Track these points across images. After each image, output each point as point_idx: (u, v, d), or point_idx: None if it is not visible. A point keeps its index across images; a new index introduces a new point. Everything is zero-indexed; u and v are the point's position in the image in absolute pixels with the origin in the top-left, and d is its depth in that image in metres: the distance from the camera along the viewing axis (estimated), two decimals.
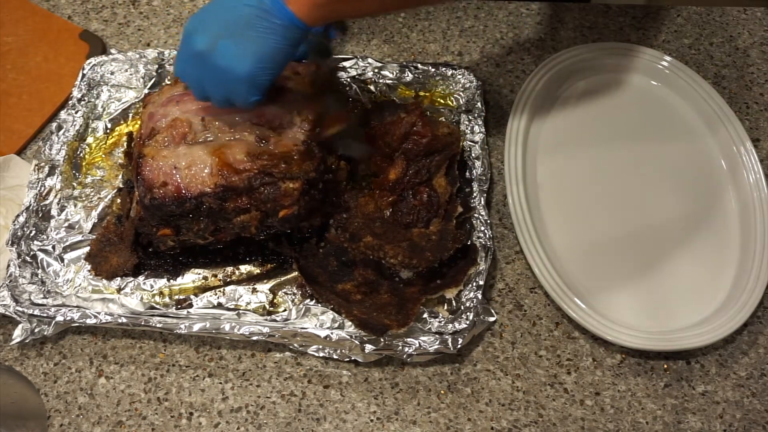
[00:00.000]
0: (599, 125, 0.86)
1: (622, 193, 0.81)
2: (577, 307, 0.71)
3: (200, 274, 0.75)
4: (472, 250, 0.73)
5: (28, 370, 0.72)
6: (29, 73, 0.91)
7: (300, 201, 0.69)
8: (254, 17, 0.61)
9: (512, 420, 0.69)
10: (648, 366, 0.72)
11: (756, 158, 0.81)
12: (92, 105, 0.85)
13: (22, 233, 0.75)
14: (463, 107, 0.85)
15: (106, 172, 0.82)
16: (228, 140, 0.69)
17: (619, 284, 0.75)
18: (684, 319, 0.73)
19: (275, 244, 0.74)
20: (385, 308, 0.70)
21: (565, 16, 0.97)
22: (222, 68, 0.62)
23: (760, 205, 0.78)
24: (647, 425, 0.68)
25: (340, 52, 0.93)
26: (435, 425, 0.68)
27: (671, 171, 0.83)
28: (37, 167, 0.80)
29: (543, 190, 0.81)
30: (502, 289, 0.76)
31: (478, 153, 0.80)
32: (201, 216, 0.69)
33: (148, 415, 0.69)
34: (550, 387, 0.71)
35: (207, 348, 0.73)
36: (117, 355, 0.72)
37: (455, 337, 0.69)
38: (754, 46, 0.95)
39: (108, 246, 0.76)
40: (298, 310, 0.72)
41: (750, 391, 0.70)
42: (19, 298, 0.72)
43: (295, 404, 0.70)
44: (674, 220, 0.79)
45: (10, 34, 0.94)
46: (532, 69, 0.89)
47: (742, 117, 0.88)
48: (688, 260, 0.77)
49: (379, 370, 0.71)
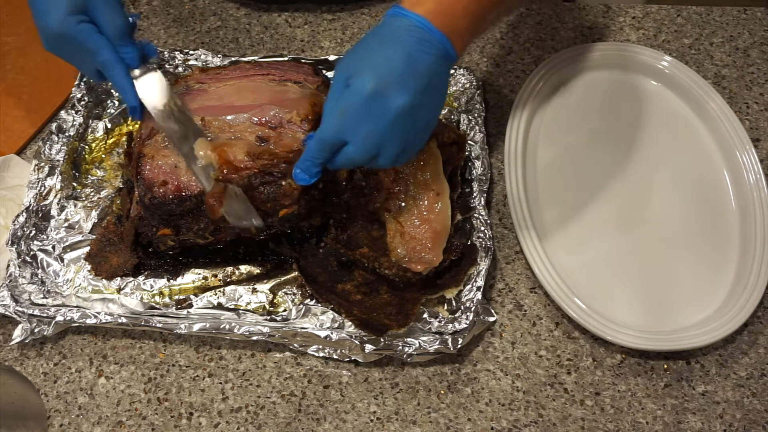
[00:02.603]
0: (599, 125, 0.86)
1: (622, 193, 0.81)
2: (577, 307, 0.71)
3: (200, 274, 0.75)
4: (472, 250, 0.73)
5: (28, 370, 0.72)
6: (29, 73, 0.91)
7: (300, 200, 0.69)
8: (438, 64, 0.59)
9: (512, 420, 0.69)
10: (648, 366, 0.72)
11: (756, 158, 0.81)
12: (92, 105, 0.86)
13: (22, 233, 0.75)
14: (463, 107, 0.85)
15: (106, 172, 0.82)
16: (228, 139, 0.69)
17: (619, 284, 0.75)
18: (684, 319, 0.73)
19: (275, 244, 0.74)
20: (385, 308, 0.70)
21: (565, 16, 0.97)
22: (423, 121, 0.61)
23: (760, 205, 0.78)
24: (647, 425, 0.68)
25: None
26: (435, 425, 0.68)
27: (671, 171, 0.83)
28: (37, 167, 0.80)
29: (543, 190, 0.81)
30: (502, 289, 0.76)
31: (478, 153, 0.80)
32: (201, 215, 0.69)
33: (148, 415, 0.69)
34: (550, 387, 0.71)
35: (207, 348, 0.73)
36: (117, 355, 0.72)
37: (455, 337, 0.69)
38: (754, 46, 0.95)
39: (108, 246, 0.76)
40: (298, 310, 0.72)
41: (750, 391, 0.70)
42: (19, 298, 0.72)
43: (295, 404, 0.70)
44: (674, 220, 0.79)
45: (10, 34, 0.94)
46: (532, 69, 0.89)
47: (742, 117, 0.88)
48: (688, 260, 0.77)
49: (379, 370, 0.71)
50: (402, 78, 0.58)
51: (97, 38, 0.64)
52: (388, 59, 0.58)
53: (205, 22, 0.97)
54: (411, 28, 0.59)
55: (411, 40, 0.59)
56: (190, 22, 0.97)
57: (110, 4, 0.64)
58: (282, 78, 0.75)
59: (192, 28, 0.97)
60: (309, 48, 0.94)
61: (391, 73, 0.58)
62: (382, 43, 0.59)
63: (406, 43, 0.59)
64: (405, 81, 0.58)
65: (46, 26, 0.63)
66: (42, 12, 0.63)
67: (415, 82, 0.58)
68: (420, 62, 0.58)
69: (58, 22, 0.62)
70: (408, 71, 0.58)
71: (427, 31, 0.59)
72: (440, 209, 0.71)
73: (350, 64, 0.60)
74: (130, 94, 0.67)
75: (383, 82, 0.58)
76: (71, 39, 0.63)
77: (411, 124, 0.60)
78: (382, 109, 0.58)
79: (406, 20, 0.59)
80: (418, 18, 0.59)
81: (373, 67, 0.58)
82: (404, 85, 0.58)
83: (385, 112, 0.58)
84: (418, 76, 0.58)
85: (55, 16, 0.62)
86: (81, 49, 0.64)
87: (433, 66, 0.59)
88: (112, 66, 0.65)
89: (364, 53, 0.60)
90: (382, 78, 0.58)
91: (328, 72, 0.87)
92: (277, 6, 0.98)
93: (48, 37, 0.64)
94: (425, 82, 0.59)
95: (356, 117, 0.59)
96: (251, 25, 0.97)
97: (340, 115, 0.59)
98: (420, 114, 0.60)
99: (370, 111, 0.58)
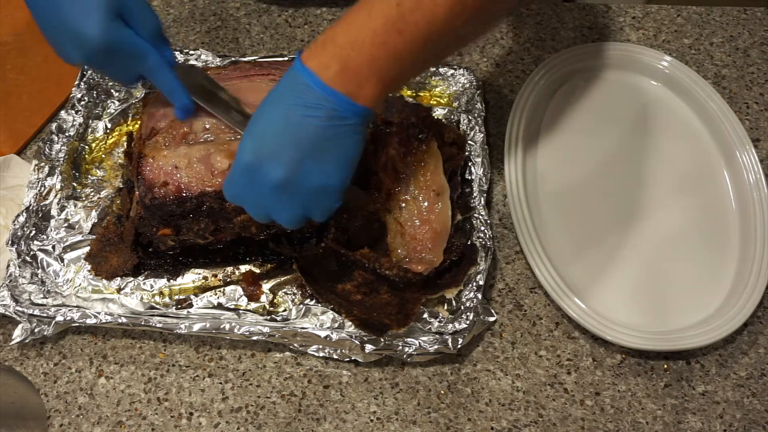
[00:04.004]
0: (599, 125, 0.86)
1: (622, 193, 0.81)
2: (577, 307, 0.71)
3: (200, 274, 0.75)
4: (472, 250, 0.73)
5: (28, 370, 0.72)
6: (29, 73, 0.91)
7: None
8: (327, 128, 0.54)
9: (512, 420, 0.69)
10: (648, 366, 0.72)
11: (756, 158, 0.81)
12: (92, 105, 0.86)
13: (22, 233, 0.75)
14: (463, 107, 0.85)
15: (106, 172, 0.82)
16: (229, 140, 0.69)
17: (619, 284, 0.75)
18: (684, 319, 0.73)
19: (275, 244, 0.74)
20: (385, 308, 0.70)
21: (565, 16, 0.97)
22: (311, 190, 0.56)
23: (760, 205, 0.78)
24: (647, 425, 0.69)
25: None
26: (435, 425, 0.68)
27: (671, 171, 0.83)
28: (37, 167, 0.80)
29: (543, 190, 0.81)
30: (502, 289, 0.76)
31: (478, 153, 0.80)
32: (201, 216, 0.69)
33: (148, 415, 0.69)
34: (550, 387, 0.71)
35: (207, 348, 0.73)
36: (117, 355, 0.72)
37: (455, 337, 0.69)
38: (754, 46, 0.95)
39: (108, 246, 0.76)
40: (298, 310, 0.72)
41: (750, 391, 0.70)
42: (19, 298, 0.72)
43: (295, 404, 0.70)
44: (674, 219, 0.79)
45: (10, 34, 0.94)
46: (532, 69, 0.89)
47: (742, 117, 0.88)
48: (688, 260, 0.77)
49: (379, 370, 0.71)
50: (277, 148, 0.54)
51: (140, 42, 0.59)
52: (267, 124, 0.55)
53: (205, 22, 0.97)
54: (298, 88, 0.54)
55: (294, 103, 0.54)
56: (190, 22, 0.97)
57: (142, 3, 0.60)
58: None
59: (192, 28, 0.97)
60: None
61: (266, 143, 0.54)
62: (268, 105, 0.56)
63: (286, 105, 0.54)
64: (280, 152, 0.54)
65: (86, 38, 0.57)
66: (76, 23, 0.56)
67: (294, 152, 0.54)
68: (302, 129, 0.54)
69: (101, 31, 0.56)
70: (284, 140, 0.54)
71: (313, 89, 0.53)
72: (440, 209, 0.71)
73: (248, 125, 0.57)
74: (182, 94, 0.64)
75: (258, 153, 0.55)
76: (117, 47, 0.58)
77: (299, 193, 0.56)
78: (259, 180, 0.55)
79: (297, 76, 0.54)
80: (306, 74, 0.54)
81: (251, 135, 0.55)
82: (279, 156, 0.54)
83: (262, 184, 0.55)
84: (298, 145, 0.54)
85: (96, 25, 0.56)
86: (126, 57, 0.60)
87: (321, 131, 0.54)
88: (160, 69, 0.61)
89: (255, 116, 0.56)
90: (258, 148, 0.55)
91: None
92: (277, 6, 0.98)
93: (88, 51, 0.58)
94: (308, 150, 0.54)
95: (238, 186, 0.58)
96: (251, 25, 0.97)
97: (228, 189, 0.59)
98: (309, 180, 0.56)
99: (249, 182, 0.56)
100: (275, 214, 0.59)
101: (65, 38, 0.58)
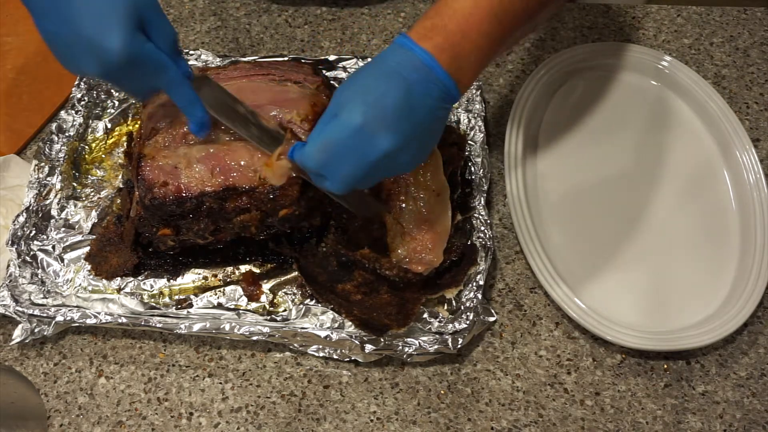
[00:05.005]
0: (599, 125, 0.86)
1: (622, 193, 0.81)
2: (577, 307, 0.71)
3: (200, 274, 0.75)
4: (472, 250, 0.73)
5: (28, 370, 0.72)
6: (29, 73, 0.91)
7: (300, 201, 0.69)
8: (438, 109, 0.56)
9: (512, 420, 0.69)
10: (648, 366, 0.72)
11: (756, 158, 0.81)
12: (92, 105, 0.86)
13: (22, 233, 0.75)
14: (463, 107, 0.85)
15: (106, 172, 0.82)
16: (228, 140, 0.69)
17: (619, 284, 0.75)
18: (684, 319, 0.73)
19: (275, 244, 0.74)
20: (385, 308, 0.70)
21: (565, 16, 0.97)
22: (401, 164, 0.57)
23: (760, 205, 0.78)
24: (647, 425, 0.68)
25: (340, 53, 0.93)
26: (435, 425, 0.68)
27: (671, 171, 0.83)
28: (37, 167, 0.80)
29: (543, 189, 0.81)
30: (502, 289, 0.76)
31: (478, 153, 0.80)
32: (201, 216, 0.69)
33: (148, 415, 0.69)
34: (550, 387, 0.71)
35: (207, 348, 0.73)
36: (117, 355, 0.72)
37: (455, 337, 0.69)
38: (754, 46, 0.95)
39: (108, 246, 0.76)
40: (298, 310, 0.72)
41: (750, 391, 0.70)
42: (19, 298, 0.72)
43: (295, 404, 0.70)
44: (674, 220, 0.79)
45: (10, 34, 0.94)
46: (532, 69, 0.89)
47: (742, 117, 0.88)
48: (688, 260, 0.77)
49: (379, 370, 0.71)
50: (395, 119, 0.54)
51: (161, 56, 0.57)
52: (384, 96, 0.54)
53: (205, 22, 0.97)
54: (416, 66, 0.55)
55: (413, 79, 0.54)
56: (190, 22, 0.97)
57: (161, 14, 0.57)
58: (282, 78, 0.75)
59: (192, 28, 0.97)
60: (309, 48, 0.94)
61: (384, 112, 0.54)
62: (382, 76, 0.55)
63: (407, 81, 0.54)
64: (397, 123, 0.54)
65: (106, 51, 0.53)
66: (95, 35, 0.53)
67: (409, 125, 0.54)
68: (418, 104, 0.54)
69: (122, 44, 0.53)
70: (403, 113, 0.54)
71: (433, 71, 0.55)
72: (440, 209, 0.71)
73: (346, 91, 0.56)
74: (200, 109, 0.62)
75: (372, 120, 0.53)
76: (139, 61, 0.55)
77: (392, 167, 0.57)
78: (365, 147, 0.54)
79: (413, 55, 0.55)
80: (425, 55, 0.55)
81: (365, 102, 0.54)
82: (395, 126, 0.54)
83: (368, 153, 0.54)
84: (413, 119, 0.54)
85: (117, 38, 0.53)
86: (146, 70, 0.57)
87: (432, 110, 0.55)
88: (179, 83, 0.59)
89: (361, 84, 0.56)
90: (373, 115, 0.54)
91: (328, 72, 0.87)
92: (277, 6, 0.98)
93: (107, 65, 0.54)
94: (419, 126, 0.55)
95: (337, 153, 0.55)
96: (251, 25, 0.97)
97: (322, 149, 0.56)
98: (402, 157, 0.56)
99: (353, 148, 0.55)
100: (364, 180, 0.57)
101: (80, 52, 0.54)
